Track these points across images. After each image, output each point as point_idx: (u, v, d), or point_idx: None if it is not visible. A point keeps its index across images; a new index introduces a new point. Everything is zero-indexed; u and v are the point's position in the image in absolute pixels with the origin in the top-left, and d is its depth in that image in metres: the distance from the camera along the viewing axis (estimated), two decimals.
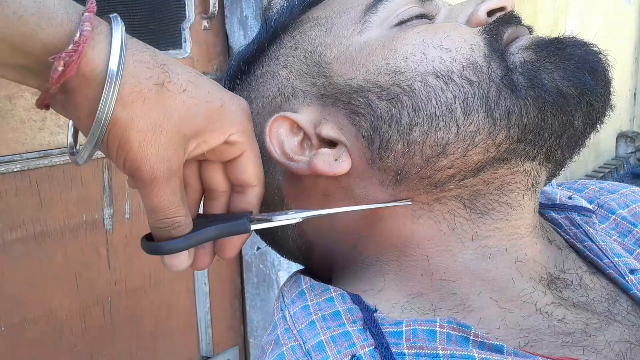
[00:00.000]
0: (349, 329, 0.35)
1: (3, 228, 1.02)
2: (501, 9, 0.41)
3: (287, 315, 0.39)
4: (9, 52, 0.31)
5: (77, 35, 0.31)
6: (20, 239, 1.05)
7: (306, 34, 0.43)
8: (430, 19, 0.42)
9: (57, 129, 1.07)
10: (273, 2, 0.47)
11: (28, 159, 1.03)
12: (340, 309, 0.37)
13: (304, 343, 0.36)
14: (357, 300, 0.38)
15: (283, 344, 0.36)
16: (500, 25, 0.40)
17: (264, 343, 0.39)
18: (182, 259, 0.37)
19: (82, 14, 0.32)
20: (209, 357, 1.40)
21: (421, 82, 0.38)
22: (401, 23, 0.41)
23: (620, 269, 0.42)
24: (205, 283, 1.36)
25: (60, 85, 0.32)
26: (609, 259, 0.43)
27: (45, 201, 1.07)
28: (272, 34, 0.45)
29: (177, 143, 0.35)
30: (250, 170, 0.39)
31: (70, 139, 0.38)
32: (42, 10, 0.31)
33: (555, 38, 0.40)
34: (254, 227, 0.39)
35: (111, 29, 0.33)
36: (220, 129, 0.37)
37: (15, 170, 1.02)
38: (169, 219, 0.36)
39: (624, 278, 0.42)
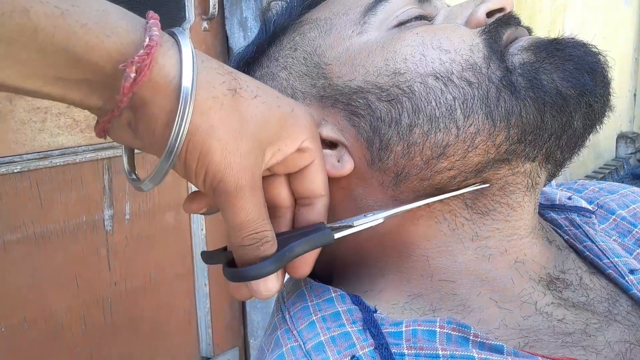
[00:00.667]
0: (349, 329, 0.35)
1: (3, 229, 1.02)
2: (500, 10, 0.41)
3: (287, 316, 0.39)
4: (72, 65, 0.29)
5: (147, 39, 0.29)
6: (21, 239, 1.05)
7: (305, 35, 0.43)
8: (429, 20, 0.42)
9: (57, 130, 1.07)
10: (272, 3, 0.47)
11: (28, 160, 1.03)
12: (340, 309, 0.37)
13: (303, 344, 0.36)
14: (357, 300, 0.38)
15: (283, 344, 0.36)
16: (500, 26, 0.40)
17: (263, 344, 0.39)
18: (270, 283, 0.34)
19: (147, 21, 0.31)
20: (209, 358, 1.40)
21: (421, 83, 0.38)
22: (400, 24, 0.41)
23: (620, 269, 0.42)
24: (205, 284, 1.36)
25: (129, 100, 0.30)
26: (608, 259, 0.43)
27: (45, 202, 1.07)
28: (272, 35, 0.45)
29: (257, 151, 0.33)
30: (320, 179, 0.37)
31: (127, 166, 0.36)
32: (106, 19, 0.29)
33: (555, 39, 0.40)
34: (337, 235, 0.36)
35: (175, 38, 0.31)
36: (293, 136, 0.35)
37: (15, 171, 1.02)
38: (257, 234, 0.33)
39: (624, 278, 0.42)
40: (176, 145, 0.30)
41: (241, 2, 1.31)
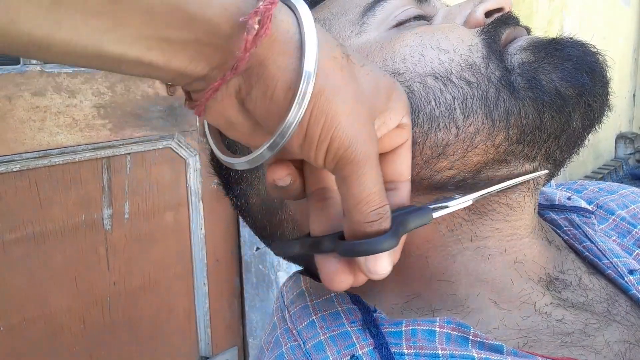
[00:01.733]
0: (349, 329, 0.35)
1: (2, 228, 1.02)
2: (499, 9, 0.41)
3: (287, 316, 0.39)
4: (183, 24, 0.25)
5: None
6: (20, 239, 1.04)
7: None
8: (428, 20, 0.42)
9: (56, 129, 1.07)
10: None
11: (27, 159, 1.03)
12: (339, 309, 0.37)
13: (303, 343, 0.36)
14: (356, 300, 0.38)
15: (282, 343, 0.36)
16: (498, 26, 0.40)
17: (263, 343, 0.39)
18: (386, 261, 0.31)
19: None
20: (208, 358, 1.40)
21: (420, 83, 0.38)
22: (399, 24, 0.41)
23: (619, 269, 0.42)
24: (204, 283, 1.36)
25: (249, 58, 0.27)
26: (608, 259, 0.43)
27: (44, 201, 1.07)
28: None
29: (373, 119, 0.30)
30: (409, 161, 0.35)
31: (215, 148, 0.33)
32: None
33: (553, 39, 0.40)
34: (435, 215, 0.35)
35: None
36: (397, 109, 0.33)
37: (14, 170, 1.02)
38: (382, 208, 0.30)
39: (623, 278, 0.42)
40: (301, 108, 0.27)
41: None
